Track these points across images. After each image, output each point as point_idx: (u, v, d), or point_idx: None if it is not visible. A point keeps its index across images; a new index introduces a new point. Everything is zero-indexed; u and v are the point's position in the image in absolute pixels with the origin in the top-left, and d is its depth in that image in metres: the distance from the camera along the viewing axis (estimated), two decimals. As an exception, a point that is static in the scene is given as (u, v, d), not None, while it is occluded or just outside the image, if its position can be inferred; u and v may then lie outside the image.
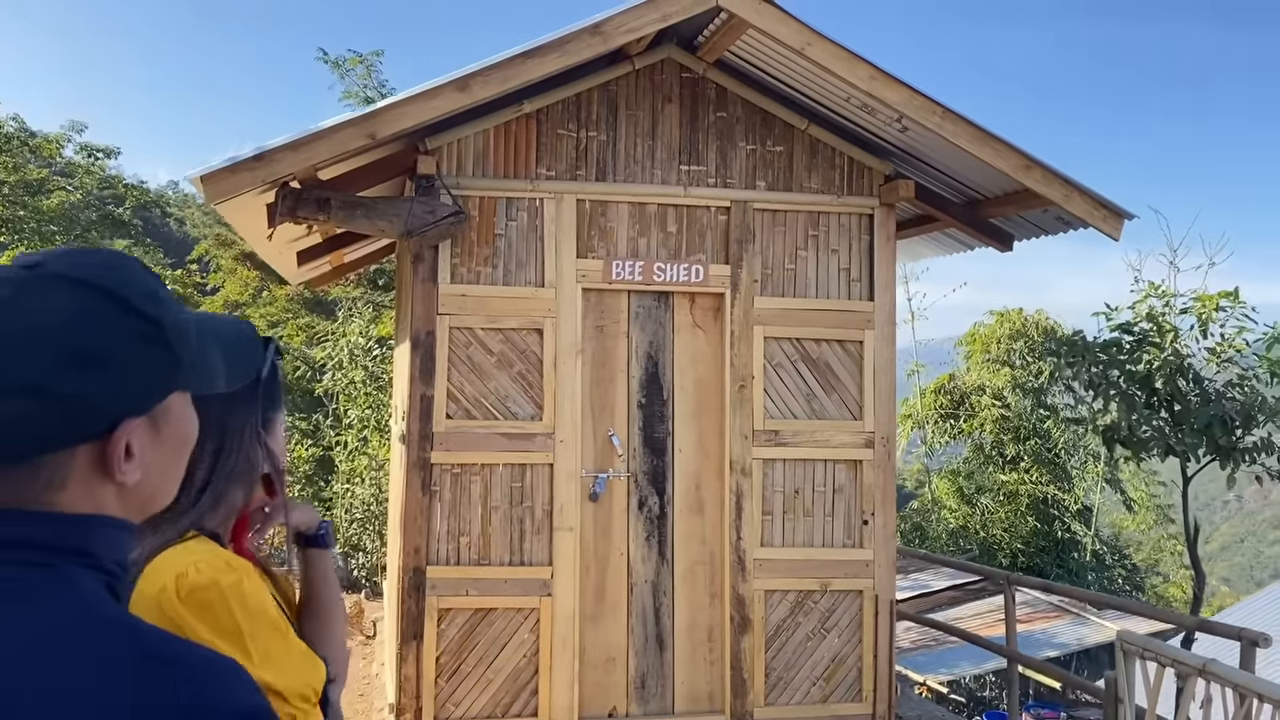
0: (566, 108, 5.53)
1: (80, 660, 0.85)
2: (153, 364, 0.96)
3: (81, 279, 0.93)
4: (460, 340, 5.35)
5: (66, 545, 0.92)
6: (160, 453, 0.99)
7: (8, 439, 0.88)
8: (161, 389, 0.97)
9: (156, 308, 0.96)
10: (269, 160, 4.41)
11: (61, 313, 0.90)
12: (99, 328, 0.92)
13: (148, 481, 0.99)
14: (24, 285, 0.91)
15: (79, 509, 0.93)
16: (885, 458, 5.82)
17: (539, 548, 5.42)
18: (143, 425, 0.96)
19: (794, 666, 5.69)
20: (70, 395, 0.89)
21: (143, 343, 0.94)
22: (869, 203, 5.85)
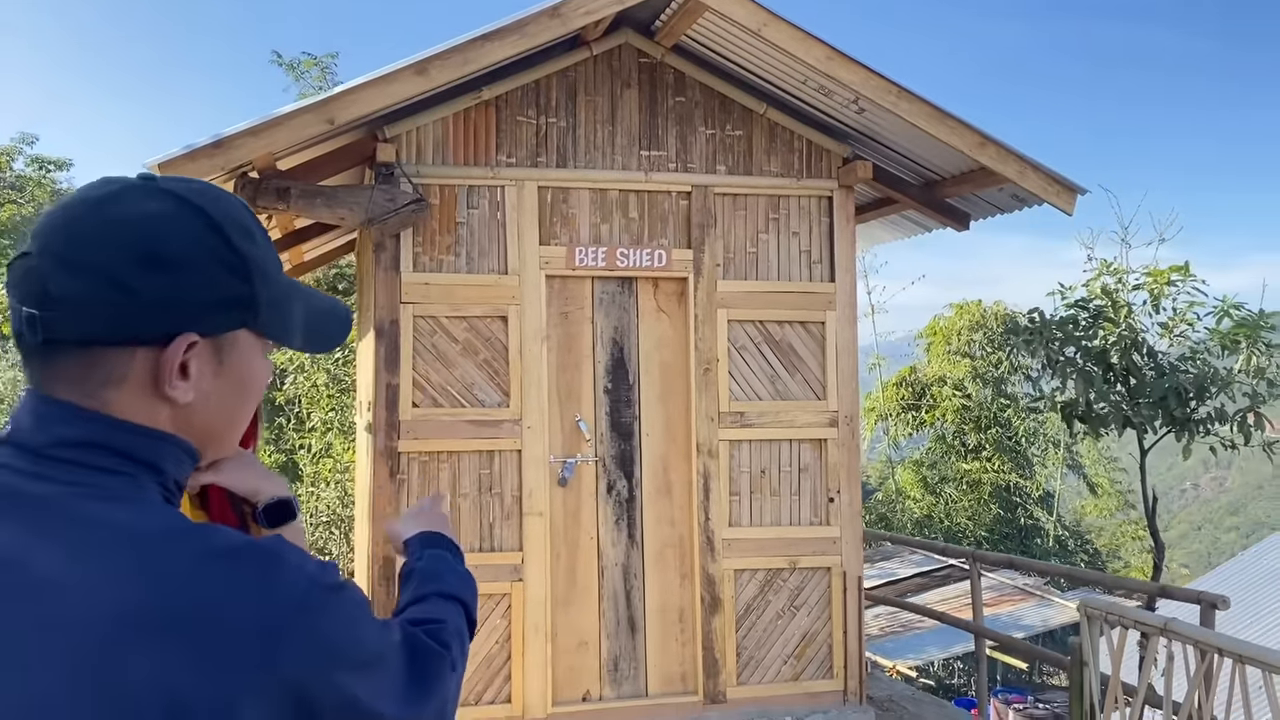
0: (526, 94, 5.55)
1: (162, 567, 0.88)
2: (224, 288, 0.98)
3: (180, 194, 0.98)
4: (425, 329, 5.35)
5: (143, 457, 0.96)
6: (220, 386, 1.02)
7: (73, 318, 0.92)
8: (228, 317, 1.00)
9: (244, 240, 1.00)
10: (227, 146, 4.40)
11: (149, 214, 0.95)
12: (179, 235, 0.96)
13: (203, 413, 1.01)
14: (130, 189, 0.97)
15: (135, 415, 0.96)
16: (849, 436, 5.89)
17: (509, 533, 5.43)
18: (204, 350, 0.98)
19: (765, 645, 5.74)
20: (136, 289, 0.92)
21: (218, 264, 0.98)
22: (828, 185, 5.92)
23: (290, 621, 0.90)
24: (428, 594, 1.35)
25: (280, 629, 0.89)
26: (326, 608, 0.94)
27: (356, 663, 0.97)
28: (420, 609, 1.31)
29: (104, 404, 0.95)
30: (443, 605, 1.32)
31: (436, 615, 1.28)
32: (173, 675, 0.84)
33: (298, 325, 1.11)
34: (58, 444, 0.93)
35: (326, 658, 0.93)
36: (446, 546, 1.50)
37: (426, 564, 1.43)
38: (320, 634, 0.92)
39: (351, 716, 0.95)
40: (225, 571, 0.90)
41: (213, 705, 0.85)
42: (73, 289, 0.92)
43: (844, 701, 5.79)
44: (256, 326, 1.04)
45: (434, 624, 1.23)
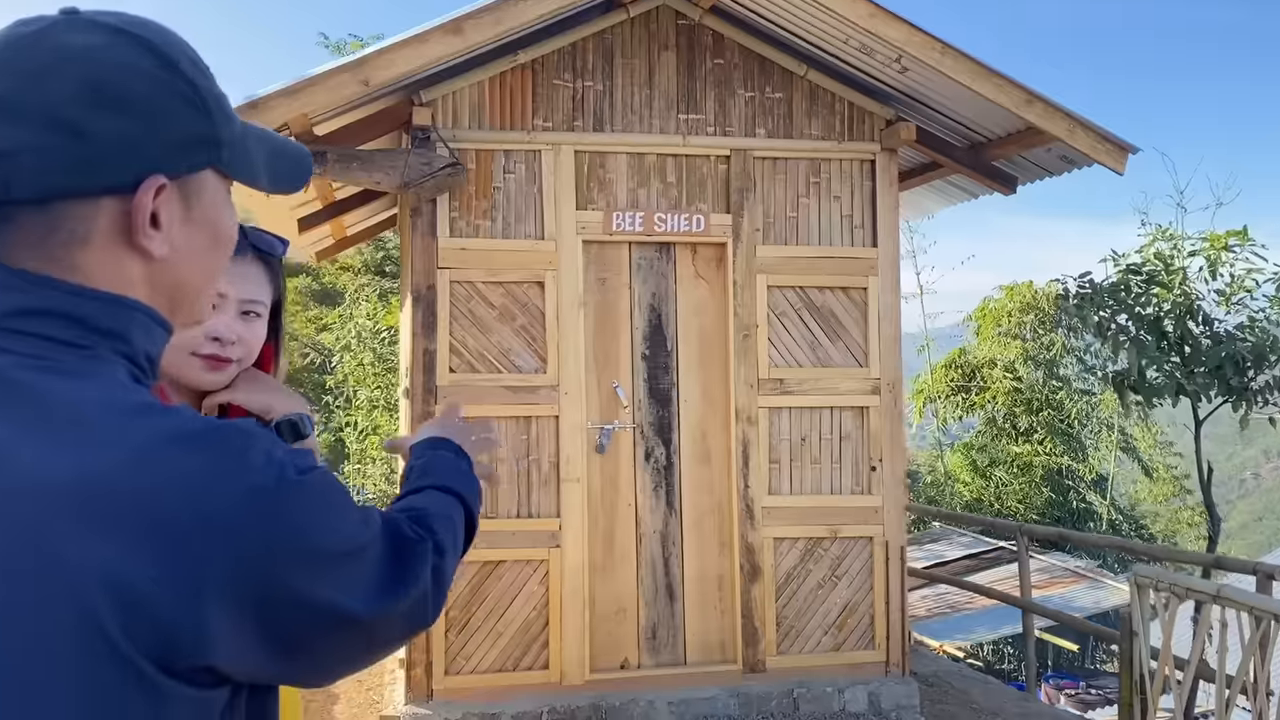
0: (562, 57, 5.50)
1: (114, 445, 0.82)
2: (185, 123, 0.91)
3: (116, 26, 0.90)
4: (461, 294, 5.33)
5: (104, 326, 0.89)
6: (190, 236, 0.95)
7: (26, 171, 0.85)
8: (192, 155, 0.93)
9: (196, 73, 0.93)
10: (262, 107, 4.39)
11: (88, 47, 0.87)
12: (131, 70, 0.88)
13: (177, 267, 0.94)
14: (56, 23, 0.89)
15: (104, 277, 0.89)
16: (892, 404, 5.79)
17: (546, 500, 5.40)
18: (172, 196, 0.92)
19: (805, 615, 5.66)
20: (91, 132, 0.85)
21: (176, 99, 0.91)
22: (870, 148, 5.81)
23: (255, 509, 0.84)
24: (422, 486, 1.31)
25: (243, 517, 0.83)
26: (296, 496, 0.88)
27: (327, 555, 0.90)
28: (410, 500, 1.26)
29: (71, 268, 0.88)
30: (435, 496, 1.28)
31: (423, 504, 1.23)
32: (121, 559, 0.78)
33: (261, 164, 1.04)
34: (12, 314, 0.86)
35: (293, 550, 0.86)
36: (450, 448, 1.44)
37: (426, 461, 1.39)
38: (288, 524, 0.86)
39: (318, 612, 0.89)
40: (186, 453, 0.83)
41: (163, 593, 0.79)
42: (18, 139, 0.84)
43: (886, 673, 5.70)
44: (222, 166, 0.97)
45: (419, 511, 1.18)
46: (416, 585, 1.02)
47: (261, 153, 1.04)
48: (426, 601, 1.05)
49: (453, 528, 1.21)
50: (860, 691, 5.58)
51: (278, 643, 0.87)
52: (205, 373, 1.64)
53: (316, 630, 0.90)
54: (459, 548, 1.24)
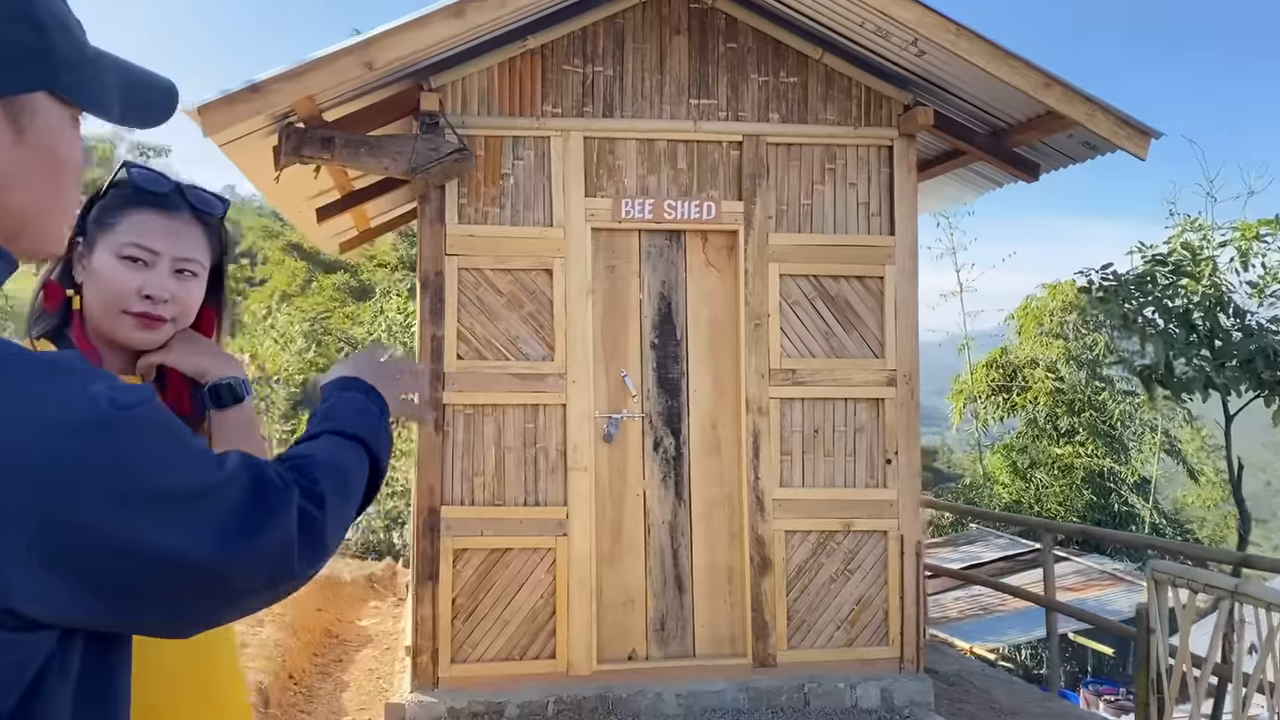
0: (572, 42, 5.45)
1: None
2: (13, 37, 0.87)
3: None
4: (469, 281, 5.31)
5: None
6: (23, 159, 0.91)
7: None
8: (18, 73, 0.89)
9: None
10: (265, 90, 4.40)
11: None
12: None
13: (7, 190, 0.90)
14: None
15: None
16: (908, 396, 5.67)
17: (554, 488, 5.36)
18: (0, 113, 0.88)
19: (817, 609, 5.57)
20: None
21: (6, 12, 0.87)
22: (888, 134, 5.70)
23: (55, 443, 0.79)
24: (319, 432, 1.24)
25: (41, 451, 0.78)
26: (113, 431, 0.83)
27: (153, 494, 0.85)
28: (300, 446, 1.19)
29: None
30: (329, 442, 1.21)
31: (310, 450, 1.16)
32: None
33: (113, 93, 0.99)
34: None
35: (107, 488, 0.82)
36: (361, 388, 1.37)
37: (331, 405, 1.32)
38: (101, 461, 0.82)
39: (144, 557, 0.84)
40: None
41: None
42: None
43: (900, 669, 5.58)
44: (59, 89, 0.92)
45: (303, 458, 1.12)
46: (274, 533, 0.96)
47: (116, 81, 1.00)
48: (291, 551, 0.98)
49: (342, 476, 1.15)
50: (873, 687, 5.47)
51: (96, 587, 0.82)
52: (137, 331, 1.61)
53: (145, 576, 0.85)
54: (352, 495, 1.18)
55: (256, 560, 0.94)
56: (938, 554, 12.98)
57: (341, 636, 7.00)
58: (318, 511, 1.04)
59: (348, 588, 8.15)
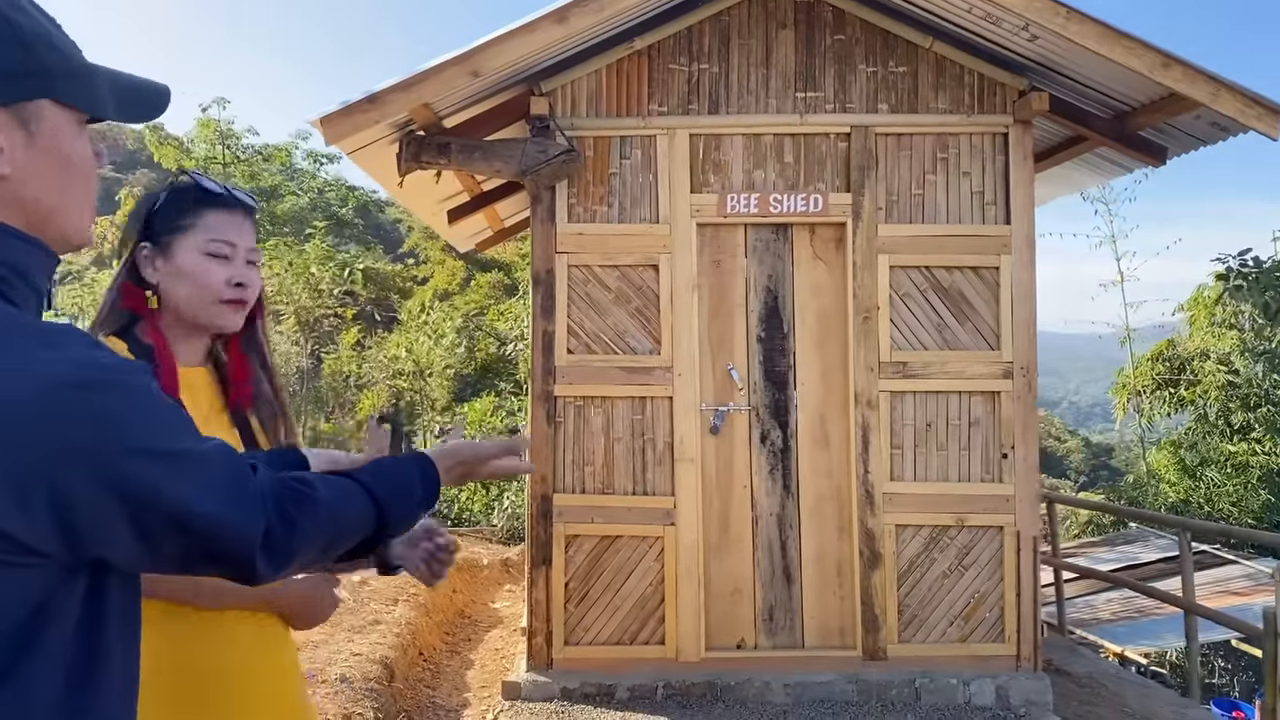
0: (678, 42, 5.56)
1: None
2: (6, 56, 1.03)
3: None
4: (579, 278, 5.49)
5: None
6: (37, 159, 1.07)
7: None
8: (20, 83, 1.05)
9: (17, 13, 1.05)
10: (381, 101, 4.68)
11: None
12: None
13: (25, 185, 1.06)
14: None
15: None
16: (1025, 389, 5.53)
17: (661, 478, 5.49)
18: (9, 123, 1.04)
19: (929, 604, 5.51)
20: None
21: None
22: (1002, 121, 5.57)
23: (56, 395, 0.93)
24: (350, 475, 1.33)
25: (42, 401, 0.93)
26: (106, 389, 0.97)
27: (135, 446, 0.98)
28: (321, 476, 1.28)
29: None
30: (347, 488, 1.30)
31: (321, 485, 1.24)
32: None
33: (106, 96, 1.15)
34: None
35: (92, 436, 0.95)
36: (426, 476, 1.46)
37: (388, 467, 1.41)
38: (92, 412, 0.95)
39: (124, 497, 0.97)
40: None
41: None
42: None
43: (1017, 667, 5.46)
44: (59, 96, 1.08)
45: (307, 488, 1.20)
46: (242, 516, 1.08)
47: (107, 86, 1.16)
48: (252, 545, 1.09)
49: (328, 519, 1.22)
50: (987, 685, 5.38)
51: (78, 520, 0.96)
52: (232, 315, 1.86)
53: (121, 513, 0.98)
54: (328, 537, 1.24)
55: (222, 529, 1.06)
56: (1092, 554, 12.47)
57: (473, 617, 7.34)
58: (285, 533, 1.14)
59: (484, 571, 8.51)
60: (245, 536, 1.09)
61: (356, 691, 4.80)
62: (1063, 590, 8.13)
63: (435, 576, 1.87)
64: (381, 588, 6.75)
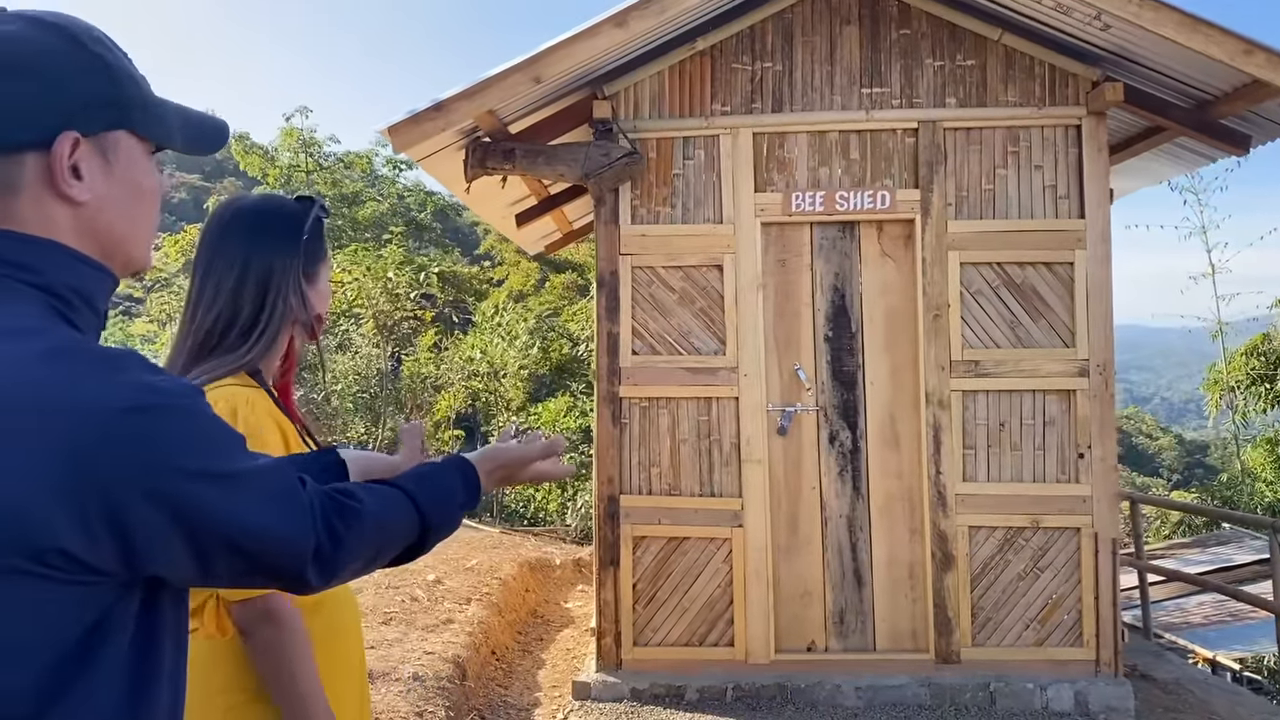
0: (740, 41, 5.54)
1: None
2: (89, 88, 1.09)
3: (31, 16, 1.10)
4: (643, 279, 5.51)
5: (13, 259, 1.05)
6: (113, 187, 1.12)
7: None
8: (101, 115, 1.10)
9: (100, 48, 1.11)
10: (446, 109, 4.75)
11: (7, 33, 1.07)
12: (35, 47, 1.07)
13: (101, 213, 1.11)
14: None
15: (35, 222, 1.07)
16: (1102, 386, 5.39)
17: (728, 479, 5.48)
18: (90, 151, 1.09)
19: (1004, 606, 5.40)
20: (17, 93, 1.04)
21: (81, 70, 1.09)
22: (1075, 112, 5.43)
23: (110, 422, 0.96)
24: (400, 486, 1.36)
25: (91, 427, 0.96)
26: (163, 413, 1.00)
27: (193, 467, 1.02)
28: (366, 488, 1.30)
29: (8, 216, 1.06)
30: (394, 500, 1.32)
31: (365, 497, 1.26)
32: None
33: (176, 129, 1.20)
34: None
35: (150, 456, 0.98)
36: (467, 479, 1.48)
37: (429, 474, 1.43)
38: (139, 438, 0.98)
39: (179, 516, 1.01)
40: (54, 368, 0.97)
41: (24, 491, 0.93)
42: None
43: (1096, 673, 5.33)
44: (134, 127, 1.13)
45: (349, 499, 1.23)
46: (295, 532, 1.11)
47: (177, 119, 1.21)
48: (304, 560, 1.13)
49: (374, 530, 1.25)
50: (1065, 690, 5.25)
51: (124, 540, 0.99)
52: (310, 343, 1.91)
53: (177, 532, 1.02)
54: (375, 549, 1.27)
55: (275, 545, 1.10)
56: (1183, 555, 12.09)
57: (546, 617, 7.40)
58: (333, 551, 1.17)
59: (557, 571, 8.58)
60: (297, 552, 1.12)
61: (428, 690, 4.87)
62: (1148, 593, 7.88)
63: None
64: (456, 588, 6.85)
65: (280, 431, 1.73)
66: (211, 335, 1.74)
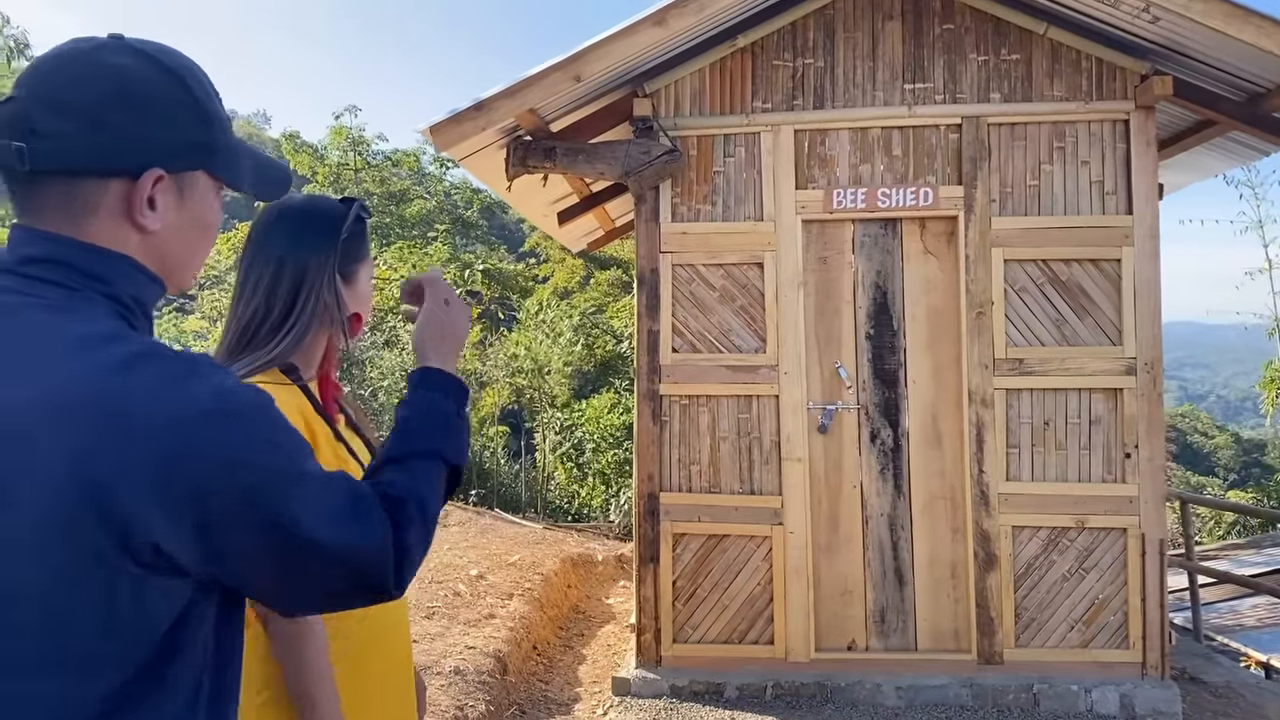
0: (781, 38, 5.52)
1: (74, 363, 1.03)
2: (186, 131, 1.16)
3: (149, 52, 1.16)
4: (683, 277, 5.51)
5: (88, 270, 1.12)
6: (182, 219, 1.19)
7: (55, 149, 1.10)
8: (189, 157, 1.17)
9: (203, 94, 1.18)
10: (487, 109, 4.80)
11: (123, 65, 1.13)
12: (149, 83, 1.14)
13: (167, 243, 1.18)
14: (105, 45, 1.16)
15: (107, 241, 1.13)
16: (1150, 385, 5.30)
17: (768, 477, 5.47)
18: (169, 186, 1.16)
19: (1048, 607, 5.34)
20: (109, 125, 1.10)
21: (182, 110, 1.16)
22: (1123, 107, 5.35)
23: (190, 423, 1.02)
24: (404, 456, 1.34)
25: (178, 429, 1.02)
26: (235, 417, 1.06)
27: (262, 469, 1.06)
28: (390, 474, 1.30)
29: (82, 230, 1.12)
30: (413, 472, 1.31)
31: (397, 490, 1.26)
32: (83, 459, 0.99)
33: (247, 173, 1.26)
34: (21, 261, 1.11)
35: (224, 459, 1.04)
36: (442, 386, 1.47)
37: (414, 414, 1.42)
38: (221, 440, 1.04)
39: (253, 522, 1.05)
40: (138, 374, 1.03)
41: (115, 484, 0.99)
42: (57, 125, 1.09)
43: (1142, 675, 5.25)
44: (213, 169, 1.20)
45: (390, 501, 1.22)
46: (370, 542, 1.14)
47: (249, 166, 1.28)
48: (385, 569, 1.16)
49: (423, 513, 1.26)
50: (1110, 692, 5.19)
51: (212, 541, 1.04)
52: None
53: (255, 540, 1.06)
54: (430, 525, 1.28)
55: (352, 556, 1.13)
56: (1237, 556, 11.87)
57: (587, 612, 7.44)
58: (404, 542, 1.20)
59: (599, 567, 8.62)
60: (380, 564, 1.16)
61: (469, 684, 4.93)
62: (1198, 595, 7.75)
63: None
64: (498, 583, 6.91)
65: (307, 428, 1.75)
66: (248, 330, 1.78)
